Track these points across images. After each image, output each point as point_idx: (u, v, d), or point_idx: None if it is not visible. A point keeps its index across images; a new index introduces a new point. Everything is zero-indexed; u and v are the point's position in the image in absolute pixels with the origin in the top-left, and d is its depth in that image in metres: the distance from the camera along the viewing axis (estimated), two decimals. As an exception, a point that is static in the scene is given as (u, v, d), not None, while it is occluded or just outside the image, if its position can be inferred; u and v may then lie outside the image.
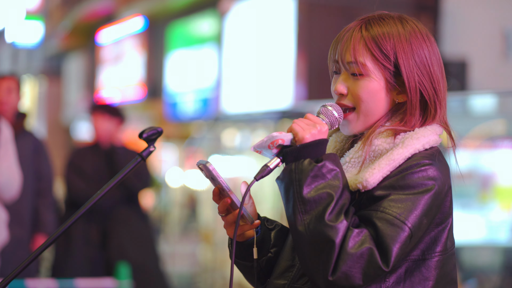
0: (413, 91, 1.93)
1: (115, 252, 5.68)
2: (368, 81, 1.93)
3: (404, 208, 1.81)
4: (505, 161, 8.14)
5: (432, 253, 1.88)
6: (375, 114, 1.95)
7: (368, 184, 1.85)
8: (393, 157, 1.87)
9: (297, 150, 1.85)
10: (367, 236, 1.79)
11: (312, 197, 1.80)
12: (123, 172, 2.06)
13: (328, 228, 1.78)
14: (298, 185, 1.82)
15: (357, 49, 1.93)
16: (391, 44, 1.93)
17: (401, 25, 1.96)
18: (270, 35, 10.56)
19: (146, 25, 14.93)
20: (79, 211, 2.04)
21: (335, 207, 1.79)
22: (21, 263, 2.00)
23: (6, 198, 4.25)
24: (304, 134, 1.85)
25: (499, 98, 7.16)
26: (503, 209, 8.14)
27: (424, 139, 1.90)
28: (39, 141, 5.40)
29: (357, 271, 1.77)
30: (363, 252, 1.77)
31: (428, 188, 1.84)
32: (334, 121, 1.93)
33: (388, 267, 1.78)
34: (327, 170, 1.82)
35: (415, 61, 1.93)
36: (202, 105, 12.46)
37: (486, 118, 8.43)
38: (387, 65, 1.93)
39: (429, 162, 1.86)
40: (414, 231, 1.81)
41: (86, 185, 5.71)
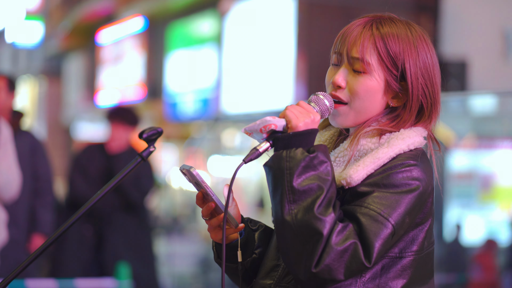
0: (415, 98, 1.93)
1: (109, 255, 5.66)
2: (368, 79, 1.93)
3: (388, 205, 1.82)
4: (505, 161, 8.14)
5: (409, 251, 1.88)
6: (367, 113, 1.95)
7: (352, 181, 1.86)
8: (378, 156, 1.87)
9: (289, 137, 1.84)
10: (351, 231, 1.79)
11: (302, 188, 1.80)
12: (123, 172, 2.06)
13: (316, 220, 1.78)
14: (289, 173, 1.81)
15: (366, 47, 1.92)
16: (399, 48, 1.93)
17: (409, 30, 1.96)
18: (270, 35, 10.57)
19: (146, 25, 14.93)
20: (79, 211, 2.04)
21: (324, 199, 1.79)
22: (16, 264, 2.00)
23: (5, 198, 4.25)
24: (298, 122, 1.85)
25: (499, 98, 7.17)
26: (503, 209, 8.15)
27: (409, 140, 1.91)
28: (36, 141, 5.38)
29: (340, 265, 1.77)
30: (347, 247, 1.77)
31: (413, 188, 1.84)
32: (325, 111, 1.92)
33: (370, 263, 1.79)
34: (318, 161, 1.81)
35: (420, 68, 1.93)
36: (202, 105, 12.46)
37: (486, 118, 8.43)
38: (392, 68, 1.93)
39: (414, 163, 1.87)
40: (396, 229, 1.82)
41: (88, 186, 5.70)
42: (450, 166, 8.16)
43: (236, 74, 11.41)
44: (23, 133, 5.31)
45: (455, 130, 8.25)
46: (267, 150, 1.89)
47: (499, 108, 7.99)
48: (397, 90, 1.94)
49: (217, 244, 2.05)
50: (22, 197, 5.08)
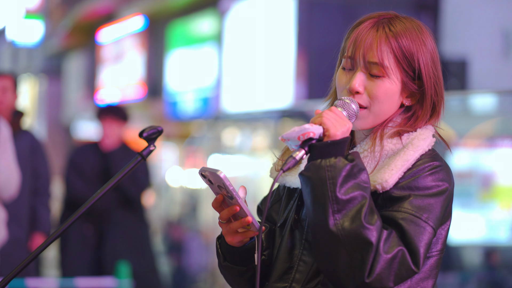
0: (429, 96, 1.94)
1: (111, 253, 5.67)
2: (388, 83, 1.92)
3: (426, 209, 1.82)
4: (505, 160, 8.14)
5: (435, 251, 1.89)
6: (386, 114, 1.95)
7: (387, 185, 1.84)
8: (406, 158, 1.87)
9: (327, 146, 1.82)
10: (396, 239, 1.79)
11: (346, 197, 1.78)
12: (123, 171, 2.06)
13: (365, 230, 1.76)
14: (332, 183, 1.79)
15: (383, 51, 1.91)
16: (413, 47, 1.92)
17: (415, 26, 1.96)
18: (270, 34, 10.57)
19: (146, 24, 14.93)
20: (79, 211, 2.04)
21: (368, 207, 1.78)
22: (19, 262, 2.00)
23: (5, 197, 4.26)
24: (336, 131, 1.83)
25: (499, 97, 7.16)
26: (503, 209, 8.14)
27: (428, 140, 1.92)
28: (36, 140, 5.39)
29: (390, 273, 1.77)
30: (395, 254, 1.77)
31: (443, 189, 1.86)
32: (352, 116, 1.90)
33: (419, 269, 1.79)
34: (358, 169, 1.80)
35: (431, 65, 1.94)
36: (202, 104, 12.46)
37: (486, 118, 8.43)
38: (408, 69, 1.92)
39: (438, 164, 1.88)
40: (436, 231, 1.84)
41: (85, 185, 5.71)
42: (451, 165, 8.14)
43: (236, 73, 11.41)
44: (23, 132, 5.32)
45: (455, 129, 8.25)
46: (303, 158, 1.85)
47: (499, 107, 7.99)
48: (414, 90, 1.94)
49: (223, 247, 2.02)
50: (22, 196, 5.09)
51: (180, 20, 13.57)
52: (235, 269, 2.03)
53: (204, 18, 12.65)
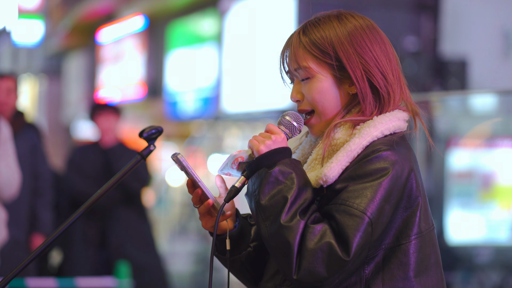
0: (360, 78, 1.95)
1: (115, 251, 5.68)
2: (316, 82, 1.97)
3: (362, 197, 1.83)
4: (505, 160, 8.14)
5: (406, 237, 1.88)
6: (333, 110, 1.98)
7: (328, 179, 1.88)
8: (350, 148, 1.89)
9: (255, 162, 1.91)
10: (326, 230, 1.82)
11: (269, 203, 1.85)
12: (123, 171, 2.06)
13: (283, 230, 1.82)
14: (256, 194, 1.87)
15: (298, 55, 1.99)
16: (328, 40, 1.97)
17: (338, 21, 1.99)
18: (270, 34, 10.57)
19: (146, 24, 14.93)
20: (79, 210, 2.04)
21: (291, 208, 1.83)
22: (19, 263, 2.00)
23: (5, 197, 4.26)
24: (259, 147, 1.91)
25: (499, 97, 7.17)
26: (503, 208, 8.15)
27: (382, 125, 1.92)
28: (36, 140, 5.40)
29: (319, 266, 1.80)
30: (322, 246, 1.80)
31: (385, 173, 1.85)
32: (294, 129, 1.98)
33: (349, 257, 1.80)
34: (281, 174, 1.86)
35: (355, 50, 1.95)
36: (202, 104, 12.46)
37: (486, 117, 8.43)
38: (328, 61, 1.96)
39: (385, 148, 1.88)
40: (374, 219, 1.83)
41: (86, 184, 5.71)
42: (451, 165, 8.16)
43: (236, 73, 11.40)
44: (24, 132, 5.33)
45: (455, 129, 8.25)
46: (245, 183, 1.94)
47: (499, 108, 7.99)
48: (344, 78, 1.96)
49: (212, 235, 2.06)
50: (22, 197, 5.09)
51: (180, 20, 13.57)
52: (221, 259, 2.08)
53: (204, 18, 12.65)
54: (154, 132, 2.12)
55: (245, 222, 2.07)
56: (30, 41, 21.04)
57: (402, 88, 2.00)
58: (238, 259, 2.06)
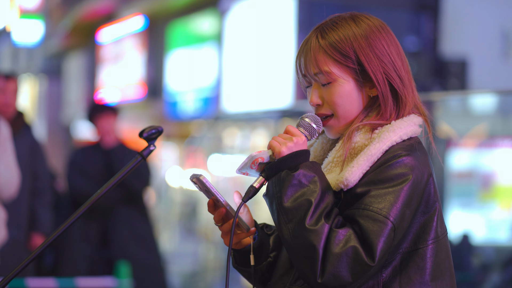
0: (381, 82, 1.96)
1: (116, 250, 5.68)
2: (338, 86, 1.97)
3: (385, 202, 1.84)
4: (505, 160, 8.14)
5: (424, 241, 1.90)
6: (353, 113, 1.99)
7: (349, 183, 1.89)
8: (370, 152, 1.90)
9: (276, 164, 1.91)
10: (351, 235, 1.82)
11: (292, 206, 1.85)
12: (124, 171, 2.06)
13: (309, 233, 1.82)
14: (278, 196, 1.87)
15: (319, 59, 1.98)
16: (349, 44, 1.97)
17: (354, 23, 2.00)
18: (270, 34, 10.57)
19: (146, 24, 14.93)
20: (79, 210, 2.04)
21: (315, 211, 1.83)
22: (18, 263, 2.00)
23: (4, 197, 4.27)
24: (281, 148, 1.91)
25: (499, 97, 7.17)
26: (503, 208, 8.15)
27: (400, 130, 1.93)
28: (35, 141, 5.41)
29: (344, 270, 1.81)
30: (347, 251, 1.81)
31: (406, 178, 1.86)
32: (313, 132, 1.98)
33: (374, 262, 1.81)
34: (304, 177, 1.86)
35: (375, 53, 1.96)
36: (202, 104, 12.46)
37: (486, 117, 8.43)
38: (350, 65, 1.97)
39: (405, 153, 1.89)
40: (397, 224, 1.84)
41: (88, 184, 5.71)
42: (451, 165, 8.16)
43: (236, 73, 11.41)
44: (24, 132, 5.33)
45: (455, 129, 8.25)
46: (264, 184, 1.95)
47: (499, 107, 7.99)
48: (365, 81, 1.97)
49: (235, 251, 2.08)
50: (22, 197, 5.10)
51: (180, 20, 13.57)
52: (242, 270, 2.09)
53: (204, 18, 12.65)
54: (154, 132, 2.12)
55: (263, 233, 2.08)
56: (30, 41, 21.04)
57: (413, 91, 2.02)
58: (259, 270, 2.07)
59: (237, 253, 2.07)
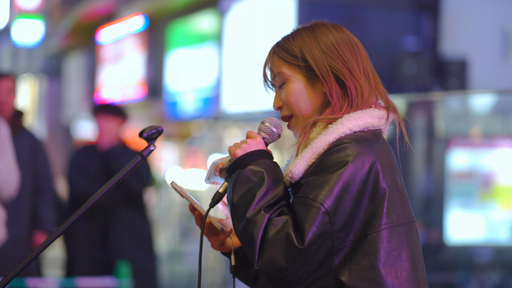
0: (325, 74, 2.01)
1: (116, 251, 5.68)
2: (290, 85, 2.05)
3: (320, 189, 1.89)
4: (505, 160, 8.15)
5: (373, 227, 1.91)
6: (309, 110, 2.05)
7: (293, 175, 1.96)
8: (315, 145, 1.95)
9: (232, 166, 1.99)
10: (287, 222, 1.88)
11: (240, 202, 1.93)
12: (123, 171, 2.06)
13: (248, 224, 1.90)
14: (230, 195, 1.96)
15: (273, 63, 2.09)
16: (295, 43, 2.06)
17: (307, 29, 2.09)
18: (270, 34, 10.57)
19: (146, 24, 14.93)
20: (79, 210, 2.05)
21: (257, 204, 1.90)
22: (19, 262, 2.01)
23: (4, 196, 4.27)
24: (235, 151, 2.00)
25: (499, 97, 7.17)
26: (503, 208, 8.15)
27: (350, 122, 1.97)
28: (36, 139, 5.41)
29: (278, 255, 1.86)
30: (280, 237, 1.87)
31: (343, 164, 1.90)
32: (273, 135, 2.06)
33: (303, 245, 1.86)
34: (252, 174, 1.94)
35: (321, 48, 2.03)
36: (202, 104, 12.46)
37: (486, 117, 8.43)
38: (297, 62, 2.04)
39: (347, 141, 1.93)
40: (331, 209, 1.88)
41: (88, 184, 5.70)
42: (451, 165, 8.16)
43: (236, 72, 11.41)
44: (24, 132, 5.34)
45: (455, 129, 8.25)
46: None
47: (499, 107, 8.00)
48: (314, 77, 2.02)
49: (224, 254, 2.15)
50: (24, 196, 5.10)
51: (180, 20, 13.57)
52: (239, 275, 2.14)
53: (204, 18, 12.65)
54: (154, 132, 2.13)
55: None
56: (30, 41, 21.04)
57: (372, 84, 2.04)
58: (250, 273, 2.12)
59: (226, 256, 2.14)
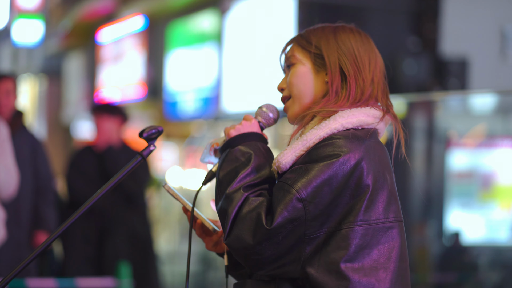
0: (332, 64, 2.04)
1: (114, 252, 5.67)
2: (296, 68, 2.10)
3: (298, 176, 1.91)
4: (505, 160, 8.15)
5: (348, 223, 1.91)
6: (307, 95, 2.08)
7: (280, 164, 1.97)
8: (306, 138, 1.96)
9: (225, 145, 2.03)
10: (262, 203, 1.91)
11: (224, 178, 1.97)
12: (123, 171, 2.06)
13: (226, 199, 1.94)
14: (218, 171, 2.01)
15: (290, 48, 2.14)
16: (315, 34, 2.10)
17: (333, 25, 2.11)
18: (270, 34, 10.57)
19: (146, 24, 14.93)
20: (79, 210, 2.05)
21: (239, 182, 1.94)
22: (18, 263, 2.01)
23: (3, 196, 4.27)
24: (229, 131, 2.04)
25: (499, 97, 7.17)
26: (503, 208, 8.15)
27: (342, 119, 1.97)
28: (36, 140, 5.41)
29: (246, 233, 1.89)
30: (251, 215, 1.90)
31: (329, 158, 1.91)
32: (269, 119, 2.13)
33: (271, 226, 1.87)
34: (240, 153, 1.98)
35: (336, 41, 2.06)
36: (202, 104, 12.46)
37: (486, 118, 8.44)
38: (309, 48, 2.08)
39: (337, 137, 1.93)
40: (307, 197, 1.88)
41: (87, 185, 5.69)
42: (451, 165, 8.16)
43: (236, 73, 11.41)
44: (23, 132, 5.33)
45: (455, 129, 8.25)
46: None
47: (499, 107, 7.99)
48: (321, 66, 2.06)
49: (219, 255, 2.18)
50: (24, 197, 5.10)
51: (180, 20, 13.57)
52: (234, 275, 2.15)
53: (204, 18, 12.65)
54: (154, 132, 2.13)
55: None
56: (30, 41, 21.04)
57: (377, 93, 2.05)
58: (245, 273, 2.11)
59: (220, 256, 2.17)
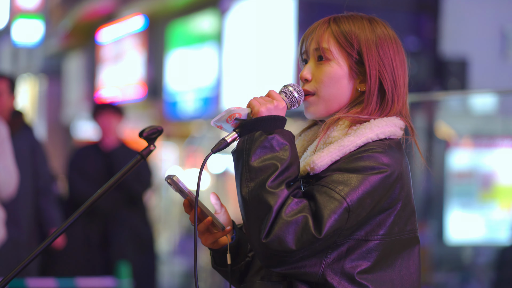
0: (373, 78, 1.97)
1: (116, 252, 5.68)
2: (331, 67, 1.99)
3: (346, 184, 1.85)
4: (505, 160, 8.15)
5: (375, 235, 1.90)
6: (336, 100, 2.00)
7: (315, 166, 1.90)
8: (343, 143, 1.91)
9: (252, 123, 1.91)
10: (305, 207, 1.84)
11: (258, 166, 1.86)
12: (123, 171, 2.06)
13: (267, 194, 1.83)
14: (247, 154, 1.87)
15: (322, 37, 2.00)
16: (356, 35, 1.99)
17: (369, 23, 2.02)
18: (270, 34, 10.57)
19: (146, 24, 14.93)
20: (79, 210, 2.05)
21: (279, 177, 1.85)
22: (17, 263, 2.01)
23: (3, 196, 4.27)
24: (260, 108, 1.91)
25: (499, 97, 7.17)
26: (503, 208, 8.15)
27: (378, 129, 1.94)
28: (35, 140, 5.41)
29: (290, 236, 1.81)
30: (298, 219, 1.82)
31: (374, 171, 1.87)
32: (294, 101, 1.98)
33: (321, 235, 1.82)
34: (277, 143, 1.87)
35: (378, 52, 1.98)
36: (202, 104, 12.46)
37: (486, 118, 8.43)
38: (350, 51, 1.98)
39: (379, 150, 1.90)
40: (353, 207, 1.84)
41: (88, 185, 5.70)
42: (451, 165, 8.16)
43: (236, 72, 11.41)
44: (23, 132, 5.33)
45: (455, 128, 8.25)
46: (236, 140, 1.94)
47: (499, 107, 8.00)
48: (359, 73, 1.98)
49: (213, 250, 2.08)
50: (23, 196, 5.10)
51: (180, 20, 13.57)
52: (221, 271, 2.09)
53: (204, 18, 12.65)
54: (154, 132, 2.12)
55: (241, 233, 2.08)
56: (30, 41, 21.04)
57: (404, 104, 2.03)
58: (237, 270, 2.07)
59: (215, 253, 2.07)
